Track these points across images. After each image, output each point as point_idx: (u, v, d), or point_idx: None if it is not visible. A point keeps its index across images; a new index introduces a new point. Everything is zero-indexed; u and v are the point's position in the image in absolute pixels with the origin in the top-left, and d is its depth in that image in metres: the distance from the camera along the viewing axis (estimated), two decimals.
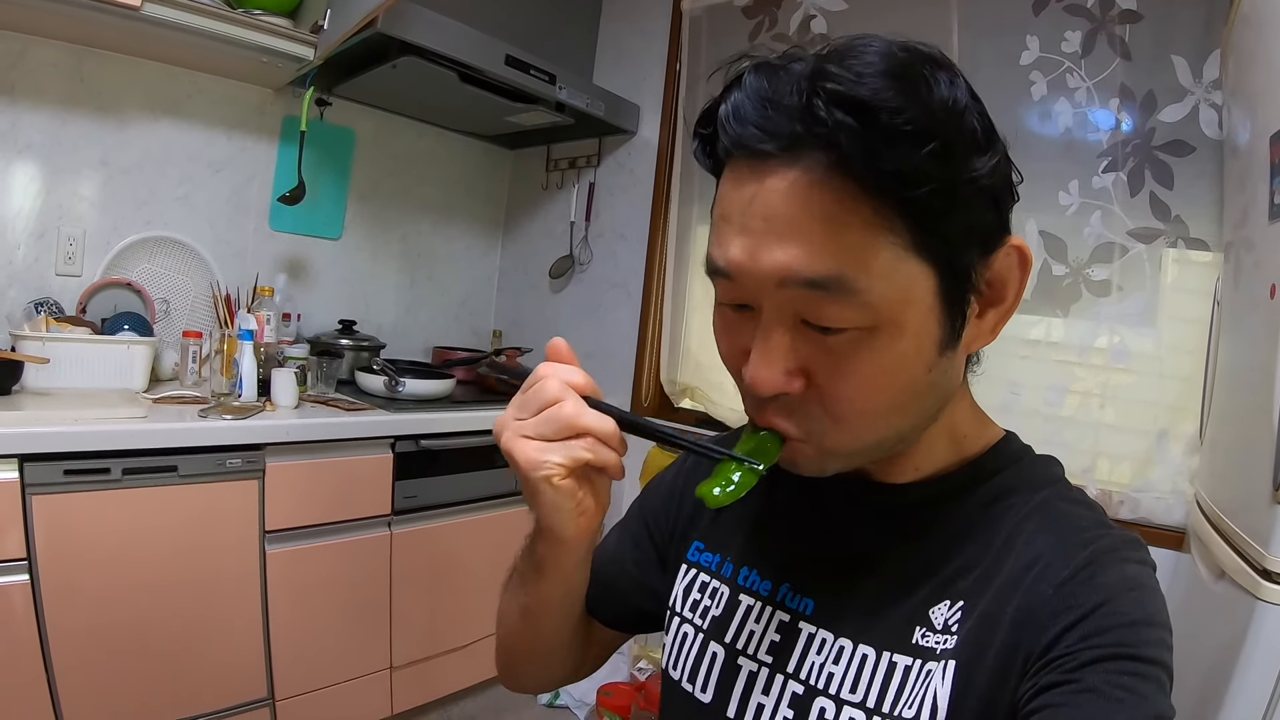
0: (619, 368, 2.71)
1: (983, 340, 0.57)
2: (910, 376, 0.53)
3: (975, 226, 0.51)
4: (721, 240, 0.53)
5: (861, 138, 0.44)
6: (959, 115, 0.48)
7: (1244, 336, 1.22)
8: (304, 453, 1.83)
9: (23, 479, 1.42)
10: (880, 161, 0.44)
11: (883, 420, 0.54)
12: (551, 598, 0.70)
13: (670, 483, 0.84)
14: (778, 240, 0.48)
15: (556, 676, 0.83)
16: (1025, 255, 0.55)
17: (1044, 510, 0.58)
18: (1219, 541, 1.18)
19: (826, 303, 0.49)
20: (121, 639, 1.57)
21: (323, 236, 2.59)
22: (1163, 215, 1.63)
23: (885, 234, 0.47)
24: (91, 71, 2.01)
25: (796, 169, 0.47)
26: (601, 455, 0.55)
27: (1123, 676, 0.46)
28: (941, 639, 0.55)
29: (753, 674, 0.63)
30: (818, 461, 0.57)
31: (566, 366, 0.58)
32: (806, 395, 0.53)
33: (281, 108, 2.39)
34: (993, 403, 1.80)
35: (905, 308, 0.49)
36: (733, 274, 0.52)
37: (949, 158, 0.46)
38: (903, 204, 0.46)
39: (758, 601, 0.66)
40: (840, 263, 0.47)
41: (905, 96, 0.44)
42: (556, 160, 2.97)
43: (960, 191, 0.48)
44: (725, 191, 0.53)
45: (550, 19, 2.69)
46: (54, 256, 2.00)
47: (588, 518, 0.59)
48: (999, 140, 0.51)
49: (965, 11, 1.89)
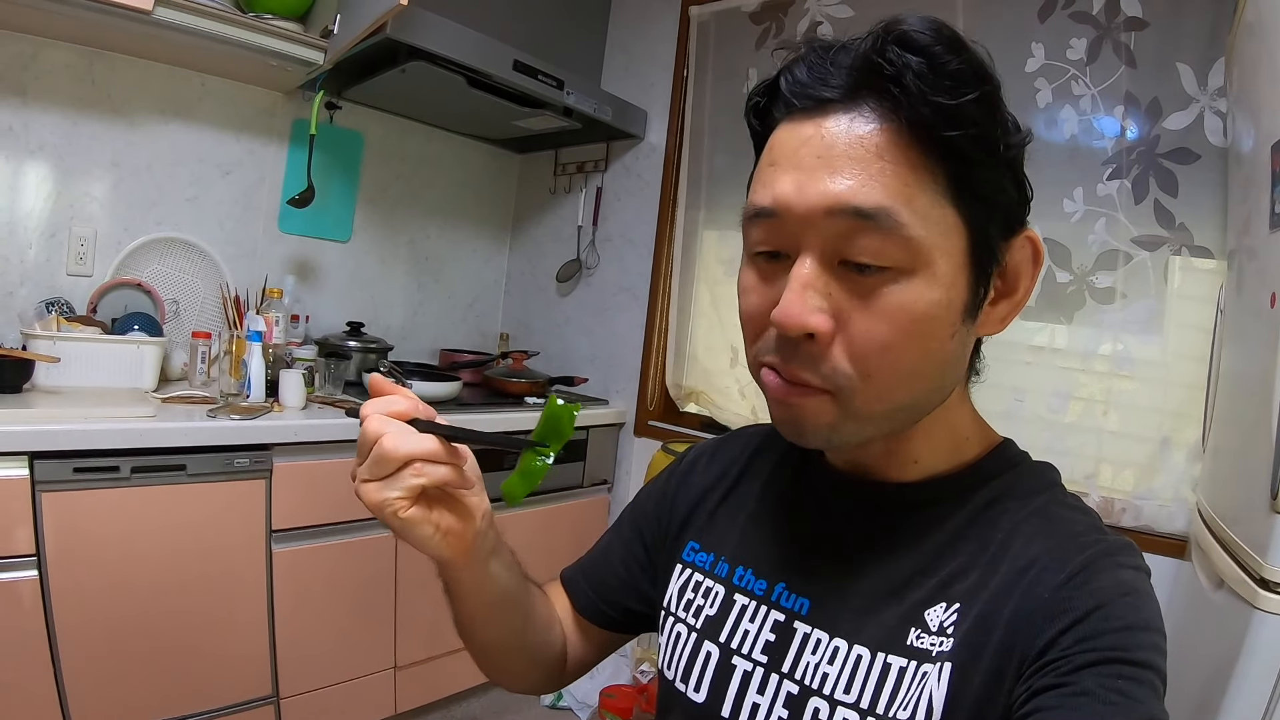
0: (625, 372, 2.72)
1: (991, 327, 0.59)
2: (937, 335, 0.54)
3: (1001, 196, 0.55)
4: (768, 181, 0.55)
5: (922, 76, 0.49)
6: (995, 83, 0.53)
7: (1246, 344, 1.22)
8: (311, 453, 1.84)
9: (33, 476, 1.43)
10: (937, 95, 0.49)
11: (906, 381, 0.55)
12: (476, 612, 0.71)
13: (663, 486, 0.84)
14: (830, 173, 0.52)
15: (536, 678, 0.82)
16: (1038, 249, 0.59)
17: (1040, 515, 0.59)
18: (1219, 550, 1.18)
19: (869, 235, 0.51)
20: (128, 635, 1.58)
21: (331, 239, 2.60)
22: (1167, 223, 1.64)
23: (928, 178, 0.51)
24: (103, 74, 2.02)
25: (854, 112, 0.52)
26: (433, 475, 0.56)
27: (1117, 680, 0.47)
28: (937, 641, 0.55)
29: (747, 673, 0.63)
30: (832, 422, 0.56)
31: (387, 398, 0.59)
32: (834, 349, 0.53)
33: (291, 111, 2.41)
34: (996, 409, 1.81)
35: (940, 255, 0.52)
36: (778, 210, 0.54)
37: (990, 108, 0.52)
38: (947, 149, 0.51)
39: (753, 601, 0.67)
40: (888, 196, 0.50)
41: (959, 51, 0.50)
42: (564, 165, 2.98)
43: (994, 147, 0.53)
44: (778, 140, 0.56)
45: (559, 25, 2.71)
46: (65, 256, 2.02)
47: (455, 536, 0.60)
48: (1023, 130, 0.56)
49: (970, 19, 1.89)
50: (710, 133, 2.46)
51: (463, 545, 0.62)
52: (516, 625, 0.75)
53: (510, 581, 0.71)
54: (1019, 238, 0.57)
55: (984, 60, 0.52)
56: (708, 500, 0.78)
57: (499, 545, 0.69)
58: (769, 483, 0.75)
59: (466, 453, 0.61)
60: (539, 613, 0.78)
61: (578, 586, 0.85)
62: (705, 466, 0.82)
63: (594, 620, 0.83)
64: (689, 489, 0.81)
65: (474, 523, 0.62)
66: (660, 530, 0.81)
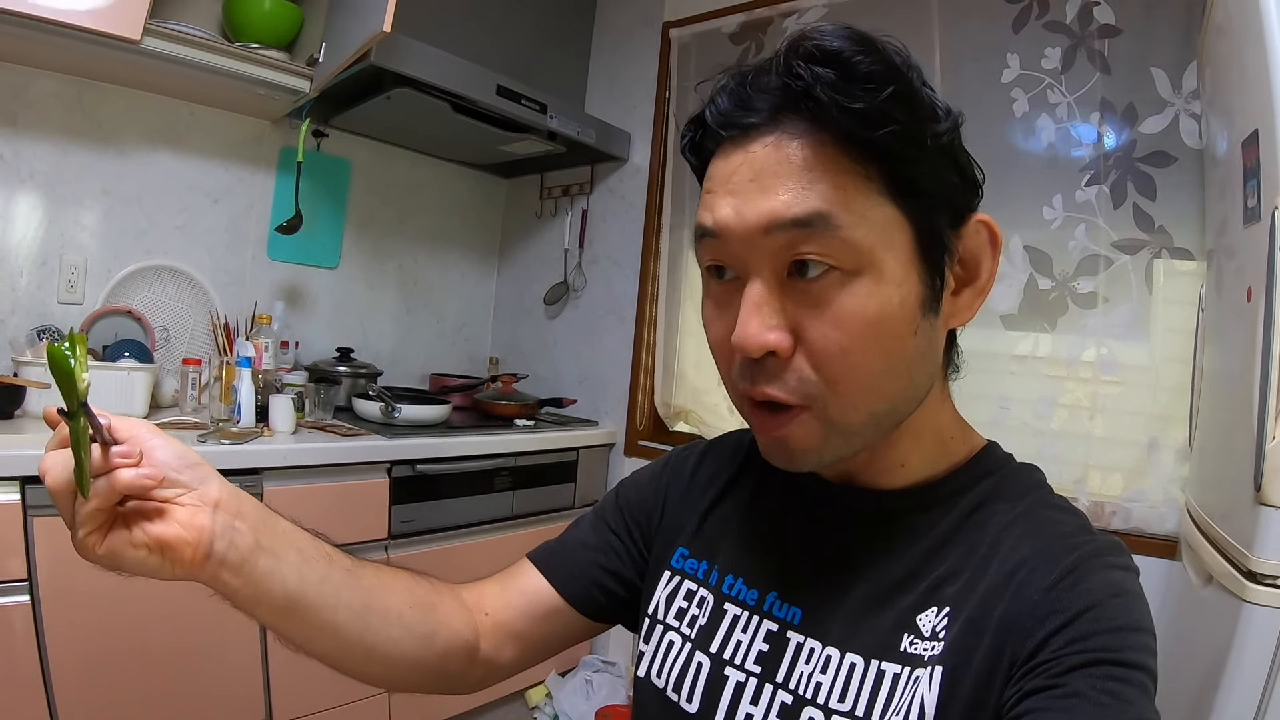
0: (615, 392, 2.73)
1: (959, 318, 0.60)
2: (896, 333, 0.54)
3: (942, 185, 0.55)
4: (708, 205, 0.57)
5: (834, 85, 0.50)
6: (913, 73, 0.53)
7: (1227, 342, 1.23)
8: (301, 477, 1.83)
9: (24, 501, 1.43)
10: (852, 101, 0.49)
11: (874, 384, 0.55)
12: (277, 625, 0.62)
13: (656, 477, 0.83)
14: (762, 193, 0.53)
15: (417, 679, 0.71)
16: (995, 233, 0.59)
17: (1028, 517, 0.59)
18: (1207, 547, 1.18)
19: (811, 242, 0.52)
20: (120, 659, 1.56)
21: (320, 265, 2.61)
22: (1146, 226, 1.66)
23: (861, 178, 0.52)
24: (93, 103, 2.04)
25: (778, 132, 0.53)
26: (61, 501, 0.51)
27: (1108, 682, 0.47)
28: (930, 646, 0.55)
29: (740, 684, 0.63)
30: (819, 442, 0.56)
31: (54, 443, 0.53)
32: (797, 361, 0.54)
33: (279, 139, 2.43)
34: (983, 418, 1.80)
35: (884, 252, 0.53)
36: (720, 232, 0.55)
37: (909, 104, 0.51)
38: (874, 148, 0.51)
39: (744, 611, 0.66)
40: (823, 202, 0.51)
41: (868, 50, 0.50)
42: (550, 188, 3.01)
43: (923, 141, 0.52)
44: (713, 170, 0.58)
45: (543, 50, 2.74)
46: (56, 284, 2.03)
47: (177, 546, 0.53)
48: (953, 114, 0.56)
49: (946, 34, 1.93)
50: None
51: (195, 554, 0.54)
52: (340, 626, 0.64)
53: (304, 578, 0.61)
54: (970, 223, 0.58)
55: (897, 56, 0.52)
56: (698, 505, 0.76)
57: (270, 540, 0.60)
58: (759, 490, 0.74)
59: (138, 441, 0.53)
60: (389, 605, 0.67)
61: (557, 566, 0.80)
62: (694, 469, 0.80)
63: (576, 601, 0.78)
64: (678, 489, 0.79)
65: (198, 523, 0.54)
66: (648, 519, 0.80)
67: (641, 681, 0.71)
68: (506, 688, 2.31)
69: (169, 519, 0.54)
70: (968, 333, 0.64)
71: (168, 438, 0.55)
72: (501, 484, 2.29)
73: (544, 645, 0.79)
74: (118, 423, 0.53)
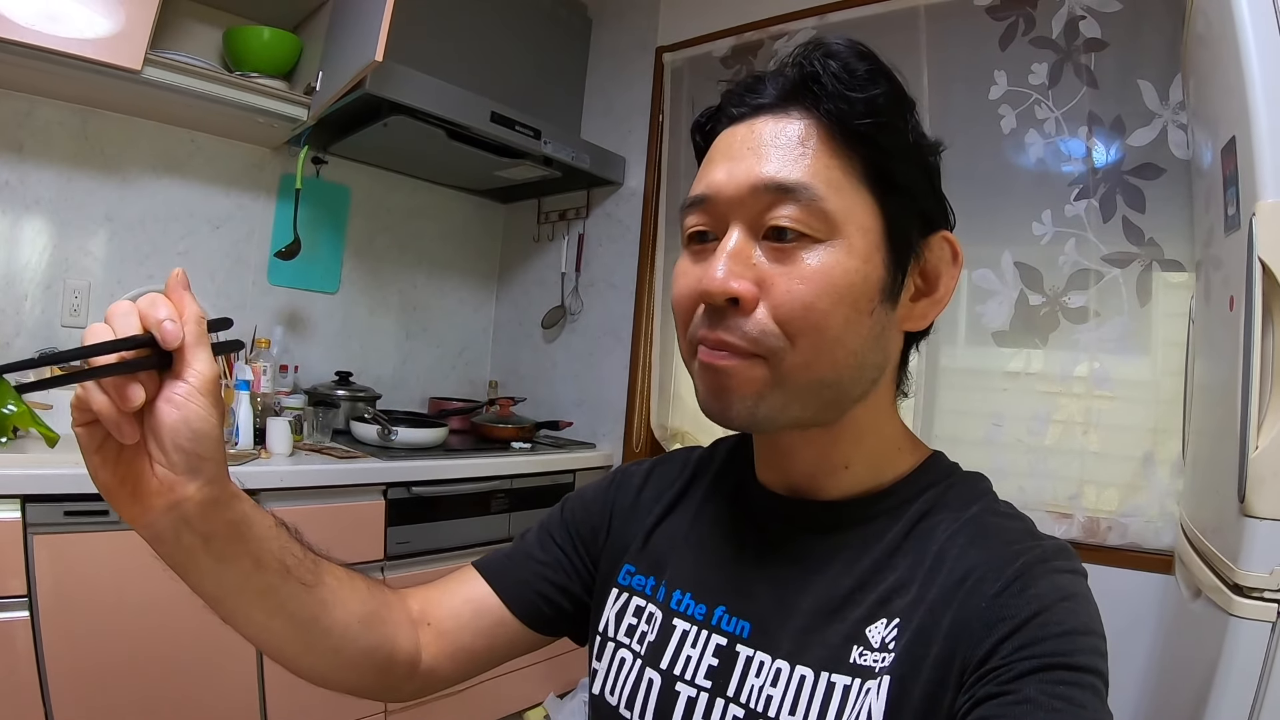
0: (611, 414, 2.73)
1: (914, 323, 0.63)
2: (856, 304, 0.56)
3: (915, 191, 0.60)
4: (702, 175, 0.62)
5: (838, 77, 0.56)
6: (903, 89, 0.60)
7: (1214, 353, 1.23)
8: (297, 499, 1.84)
9: (25, 519, 1.44)
10: (851, 90, 0.56)
11: (830, 349, 0.56)
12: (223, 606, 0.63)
13: (602, 493, 0.82)
14: (757, 159, 0.58)
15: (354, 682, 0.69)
16: (956, 250, 0.63)
17: (974, 524, 0.59)
18: (1196, 560, 1.17)
19: (789, 205, 0.56)
20: (119, 677, 1.57)
21: (320, 290, 2.63)
22: (1136, 239, 1.65)
23: (846, 163, 0.57)
24: (96, 130, 2.08)
25: (782, 113, 0.59)
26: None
27: (1059, 686, 0.47)
28: (879, 657, 0.55)
29: (692, 699, 0.62)
30: (758, 390, 0.57)
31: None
32: (759, 314, 0.56)
33: (279, 166, 2.46)
34: (975, 436, 1.80)
35: (855, 229, 0.57)
36: (710, 194, 0.60)
37: (899, 106, 0.58)
38: (862, 138, 0.57)
39: (693, 626, 0.66)
40: (808, 174, 0.56)
41: (873, 60, 0.58)
42: (547, 213, 3.03)
43: (906, 142, 0.59)
44: (716, 144, 0.63)
45: (539, 76, 2.78)
46: (60, 308, 2.05)
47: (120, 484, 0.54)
48: (938, 140, 0.63)
49: (934, 53, 1.94)
50: (686, 175, 2.50)
51: (140, 505, 0.53)
52: (274, 629, 0.63)
53: (244, 586, 0.61)
54: (936, 237, 0.62)
55: (898, 75, 0.59)
56: (644, 521, 0.76)
57: (224, 548, 0.58)
58: (704, 505, 0.74)
59: (187, 396, 0.51)
60: (335, 619, 0.65)
61: (503, 577, 0.78)
62: (641, 485, 0.80)
63: (522, 613, 0.77)
64: (624, 505, 0.79)
65: (151, 505, 0.53)
66: (593, 534, 0.79)
67: (596, 699, 0.71)
68: (505, 708, 2.31)
69: (144, 476, 0.53)
70: (959, 352, 0.67)
71: (210, 410, 0.52)
72: (498, 506, 2.29)
73: (487, 657, 0.77)
74: (202, 371, 0.52)
